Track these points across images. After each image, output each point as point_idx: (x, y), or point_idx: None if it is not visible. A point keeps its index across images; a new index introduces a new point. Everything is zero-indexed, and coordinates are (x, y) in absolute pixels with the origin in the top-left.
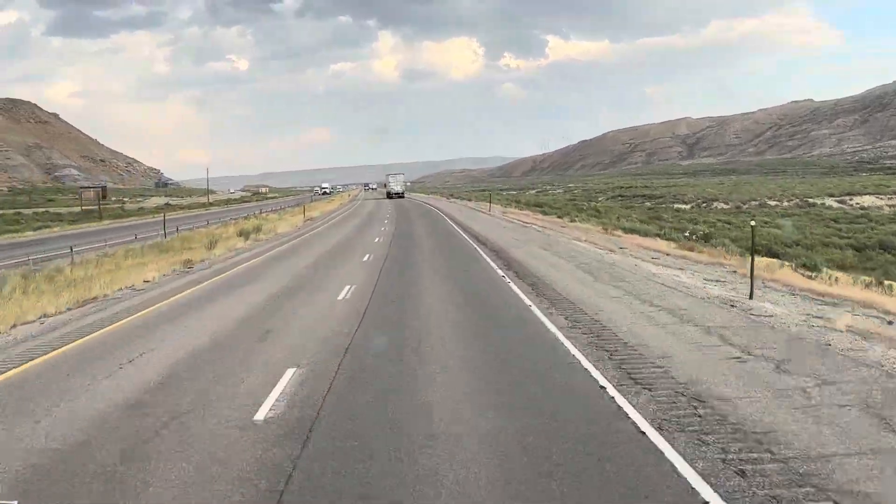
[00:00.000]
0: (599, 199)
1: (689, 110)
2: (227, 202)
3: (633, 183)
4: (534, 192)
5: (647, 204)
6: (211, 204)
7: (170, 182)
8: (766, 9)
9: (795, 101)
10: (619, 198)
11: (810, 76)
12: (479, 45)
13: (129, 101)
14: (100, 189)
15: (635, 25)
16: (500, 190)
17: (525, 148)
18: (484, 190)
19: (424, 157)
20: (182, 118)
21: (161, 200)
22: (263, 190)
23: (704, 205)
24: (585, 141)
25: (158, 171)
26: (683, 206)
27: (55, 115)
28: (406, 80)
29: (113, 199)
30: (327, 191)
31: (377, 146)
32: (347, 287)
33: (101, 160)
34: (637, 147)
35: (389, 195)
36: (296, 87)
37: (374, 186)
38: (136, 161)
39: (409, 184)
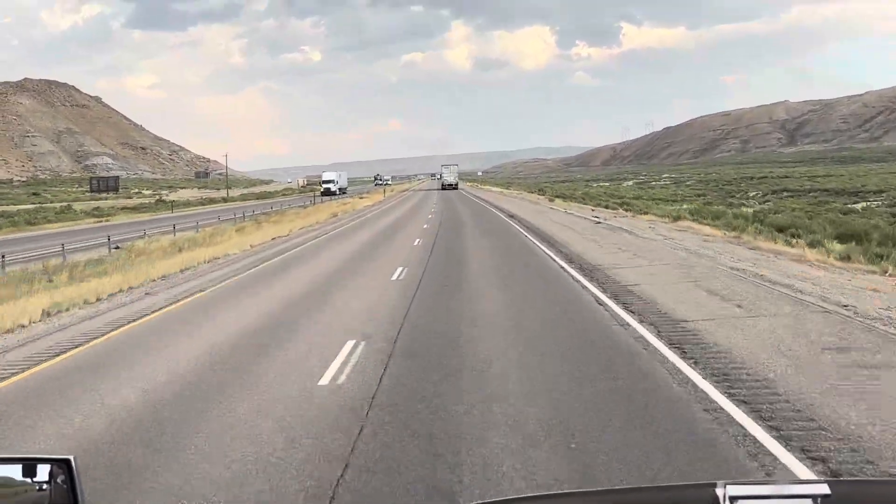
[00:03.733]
0: (751, 194)
1: (781, 95)
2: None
3: (765, 172)
4: (629, 183)
5: (875, 205)
6: (224, 200)
7: (215, 172)
8: None
9: None
10: (784, 193)
11: None
12: (552, 34)
13: (207, 92)
14: None
15: (712, 12)
16: (587, 181)
17: (600, 137)
18: (566, 181)
19: (495, 146)
20: (254, 109)
21: (190, 193)
22: (301, 183)
23: None
24: (670, 128)
25: (207, 159)
26: None
27: (97, 99)
28: (479, 69)
29: (134, 190)
30: (331, 188)
31: (448, 136)
32: None
33: (142, 148)
34: (730, 134)
35: (444, 186)
36: (368, 77)
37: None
38: (183, 149)
39: (480, 174)
